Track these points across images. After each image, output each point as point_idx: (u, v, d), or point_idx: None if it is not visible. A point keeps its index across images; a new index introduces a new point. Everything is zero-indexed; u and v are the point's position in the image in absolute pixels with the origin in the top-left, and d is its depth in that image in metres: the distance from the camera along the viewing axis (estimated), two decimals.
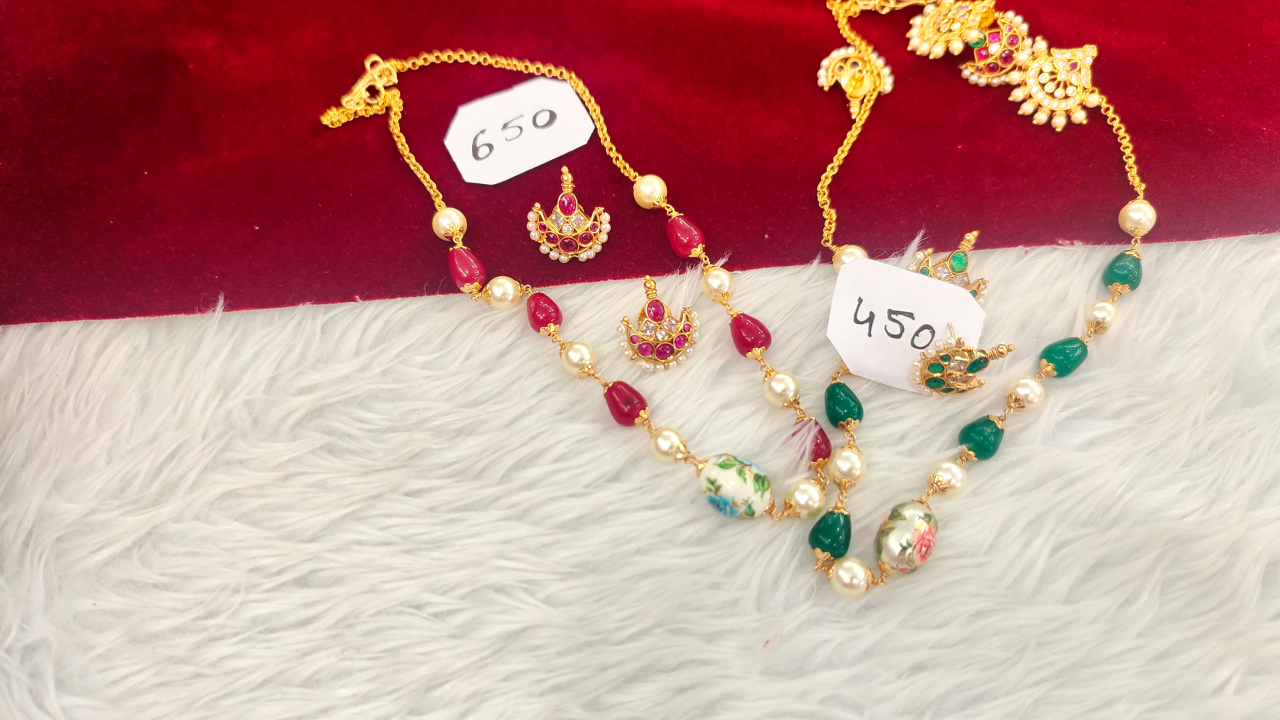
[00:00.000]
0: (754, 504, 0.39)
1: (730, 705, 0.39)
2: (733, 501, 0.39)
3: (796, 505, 0.40)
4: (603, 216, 0.44)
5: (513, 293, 0.43)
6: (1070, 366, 0.42)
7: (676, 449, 0.41)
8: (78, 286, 0.44)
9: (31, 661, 0.40)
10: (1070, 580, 0.40)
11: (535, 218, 0.45)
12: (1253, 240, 0.44)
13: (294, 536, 0.41)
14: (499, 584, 0.41)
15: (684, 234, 0.44)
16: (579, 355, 0.42)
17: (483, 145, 0.47)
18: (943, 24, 0.49)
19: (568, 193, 0.44)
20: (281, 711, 0.39)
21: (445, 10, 0.51)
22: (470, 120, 0.48)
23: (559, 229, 0.44)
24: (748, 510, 0.39)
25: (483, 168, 0.47)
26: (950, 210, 0.45)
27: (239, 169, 0.47)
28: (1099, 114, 0.47)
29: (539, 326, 0.43)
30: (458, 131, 0.48)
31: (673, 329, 0.42)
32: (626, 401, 0.41)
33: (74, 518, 0.41)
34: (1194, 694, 0.38)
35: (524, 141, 0.47)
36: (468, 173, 0.47)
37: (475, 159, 0.47)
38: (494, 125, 0.48)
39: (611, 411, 0.42)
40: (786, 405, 0.41)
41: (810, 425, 0.41)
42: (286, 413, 0.43)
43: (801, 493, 0.40)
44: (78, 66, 0.48)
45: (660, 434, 0.41)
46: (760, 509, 0.39)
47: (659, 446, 0.41)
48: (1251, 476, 0.41)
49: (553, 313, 0.43)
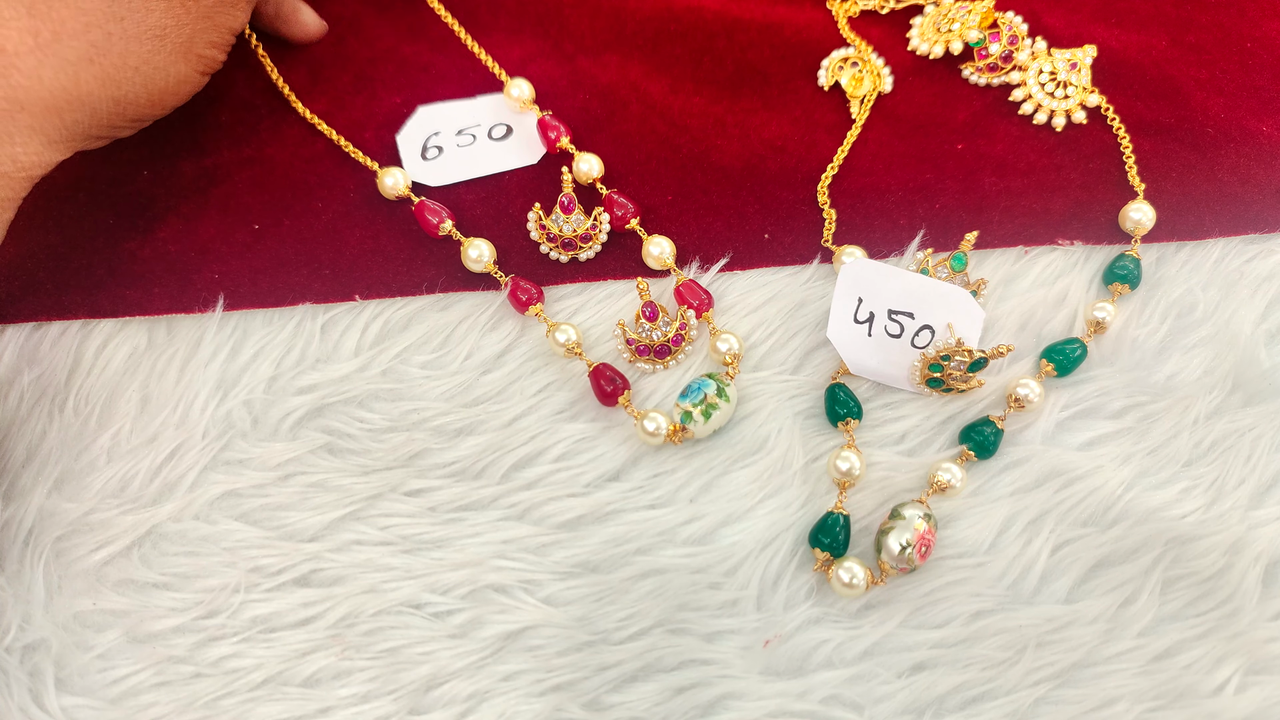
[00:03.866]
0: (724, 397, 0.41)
1: (730, 705, 0.39)
2: (730, 419, 0.41)
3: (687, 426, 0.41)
4: (603, 217, 0.44)
5: (488, 255, 0.44)
6: (1070, 366, 0.42)
7: (661, 430, 0.41)
8: (77, 285, 0.44)
9: (31, 661, 0.40)
10: (1070, 580, 0.40)
11: (535, 217, 0.44)
12: (1253, 240, 0.44)
13: (294, 536, 0.41)
14: (499, 584, 0.41)
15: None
16: (565, 335, 0.42)
17: (433, 147, 0.47)
18: (943, 24, 0.49)
19: (568, 192, 0.44)
20: (281, 711, 0.39)
21: (446, 10, 0.51)
22: (427, 120, 0.48)
23: (559, 229, 0.44)
24: (719, 396, 0.40)
25: (427, 168, 0.47)
26: (950, 210, 0.45)
27: (239, 168, 0.47)
28: (1099, 114, 0.47)
29: (523, 309, 0.43)
30: (411, 129, 0.48)
31: (669, 328, 0.42)
32: (610, 382, 0.42)
33: (74, 517, 0.41)
34: (1194, 694, 0.38)
35: (474, 150, 0.47)
36: (411, 170, 0.47)
37: (423, 159, 0.47)
38: (449, 129, 0.48)
39: (595, 392, 0.42)
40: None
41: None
42: (286, 412, 0.43)
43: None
44: None
45: (646, 416, 0.41)
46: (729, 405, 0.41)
47: (645, 428, 0.41)
48: (1251, 476, 0.41)
49: (535, 294, 0.43)
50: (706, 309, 0.43)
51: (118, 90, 0.39)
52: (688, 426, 0.41)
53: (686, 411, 0.40)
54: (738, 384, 0.42)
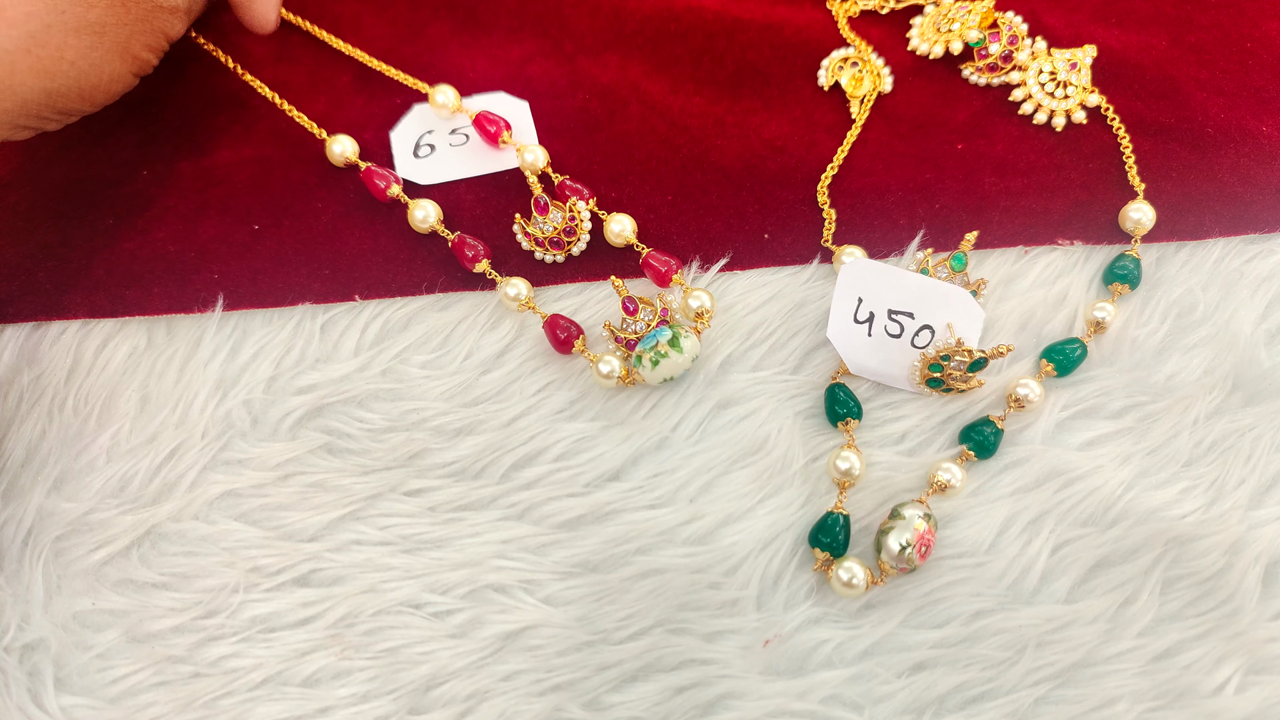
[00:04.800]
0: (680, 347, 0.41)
1: (730, 705, 0.39)
2: (685, 369, 0.41)
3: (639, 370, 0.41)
4: (578, 205, 0.44)
5: (434, 215, 0.45)
6: (1070, 366, 0.42)
7: (614, 373, 0.41)
8: (77, 285, 0.44)
9: (30, 660, 0.40)
10: (1070, 580, 0.40)
11: (519, 227, 0.45)
12: (1253, 240, 0.44)
13: (293, 536, 0.41)
14: (498, 584, 0.40)
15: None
16: (515, 290, 0.43)
17: (425, 145, 0.47)
18: (942, 24, 0.49)
19: (538, 194, 0.44)
20: (280, 711, 0.39)
21: (446, 11, 0.51)
22: (421, 119, 0.48)
23: (540, 230, 0.44)
24: (671, 346, 0.41)
25: (418, 166, 0.47)
26: (950, 210, 0.45)
27: (238, 168, 0.47)
28: (1099, 114, 0.47)
29: (470, 265, 0.44)
30: (406, 126, 0.48)
31: (651, 318, 0.42)
32: (564, 330, 0.42)
33: (73, 517, 0.41)
34: (1194, 694, 0.38)
35: (466, 150, 0.47)
36: (402, 167, 0.47)
37: (414, 156, 0.47)
38: (443, 128, 0.48)
39: (550, 340, 0.43)
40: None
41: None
42: (286, 412, 0.43)
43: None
44: None
45: (600, 359, 0.41)
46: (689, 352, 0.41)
47: (599, 370, 0.41)
48: (1251, 476, 0.41)
49: (481, 250, 0.44)
50: (675, 272, 0.44)
51: (51, 82, 0.39)
52: (638, 370, 0.41)
53: (638, 355, 0.41)
54: (706, 340, 0.43)
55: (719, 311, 0.44)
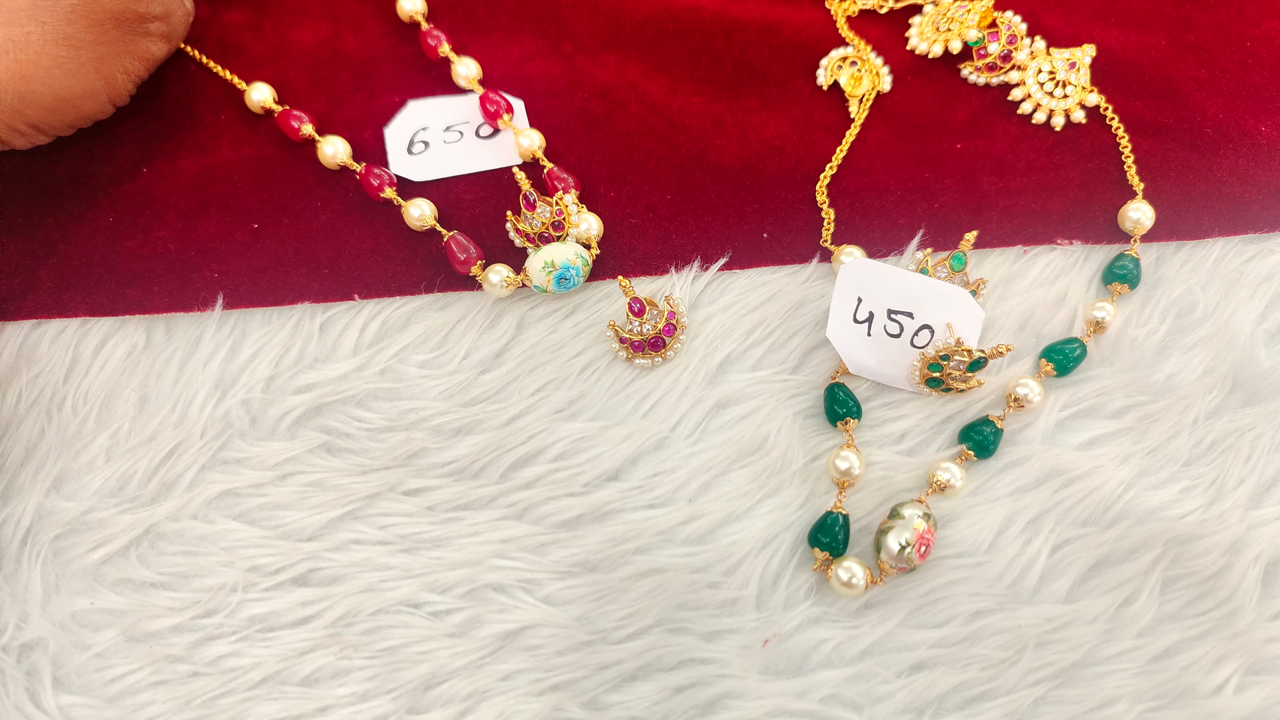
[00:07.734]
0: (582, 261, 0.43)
1: (729, 704, 0.39)
2: (569, 262, 0.42)
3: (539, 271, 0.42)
4: (564, 199, 0.44)
5: (429, 211, 0.45)
6: (1070, 366, 0.42)
7: (506, 280, 0.43)
8: (77, 284, 0.44)
9: (29, 660, 0.40)
10: (1070, 580, 0.39)
11: (511, 224, 0.44)
12: (1252, 240, 0.44)
13: (292, 535, 0.41)
14: (497, 583, 0.40)
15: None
16: (419, 211, 0.44)
17: (419, 141, 0.47)
18: (941, 23, 0.49)
19: (526, 191, 0.44)
20: (279, 710, 0.39)
21: (445, 11, 0.51)
22: (416, 115, 0.48)
23: (531, 227, 0.44)
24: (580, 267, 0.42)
25: (413, 163, 0.47)
26: (949, 210, 0.45)
27: (238, 167, 0.47)
28: (1098, 114, 0.47)
29: (376, 194, 0.45)
30: (400, 123, 0.48)
31: (658, 320, 0.42)
32: (464, 250, 0.43)
33: (71, 516, 0.41)
34: (1194, 694, 0.38)
35: (460, 147, 0.47)
36: (396, 164, 0.47)
37: (409, 153, 0.47)
38: (437, 125, 0.48)
39: (450, 262, 0.44)
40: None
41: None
42: (284, 412, 0.43)
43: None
44: None
45: (491, 269, 0.43)
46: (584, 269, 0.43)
47: (490, 280, 0.43)
48: (1251, 476, 0.41)
49: (387, 179, 0.45)
50: (575, 189, 0.45)
51: (26, 86, 0.40)
52: (525, 271, 0.43)
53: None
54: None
55: (718, 311, 0.44)
